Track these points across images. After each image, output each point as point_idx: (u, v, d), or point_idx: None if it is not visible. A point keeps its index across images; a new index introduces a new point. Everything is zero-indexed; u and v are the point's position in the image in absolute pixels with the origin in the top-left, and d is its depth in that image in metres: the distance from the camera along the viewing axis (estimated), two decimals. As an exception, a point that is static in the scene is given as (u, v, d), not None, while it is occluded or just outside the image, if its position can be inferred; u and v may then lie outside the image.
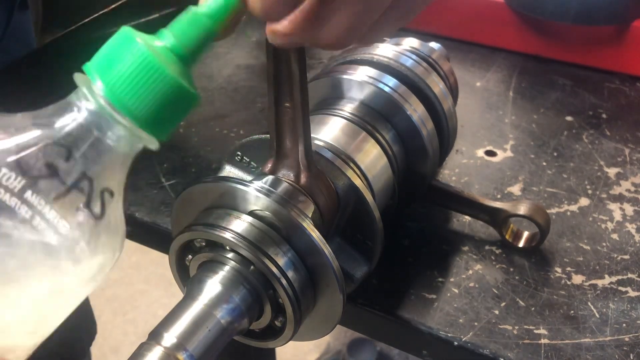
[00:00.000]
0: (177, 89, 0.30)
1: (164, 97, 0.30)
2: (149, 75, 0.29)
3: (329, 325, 0.43)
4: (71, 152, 0.30)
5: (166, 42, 0.31)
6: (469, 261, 0.53)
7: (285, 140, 0.42)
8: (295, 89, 0.40)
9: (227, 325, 0.39)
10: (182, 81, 0.31)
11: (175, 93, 0.30)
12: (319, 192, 0.44)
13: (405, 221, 0.57)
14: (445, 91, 0.55)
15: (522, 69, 0.82)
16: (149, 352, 0.36)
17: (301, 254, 0.41)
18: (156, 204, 0.59)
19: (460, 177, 0.63)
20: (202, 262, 0.42)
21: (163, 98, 0.30)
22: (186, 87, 0.31)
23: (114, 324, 1.78)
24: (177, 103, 0.31)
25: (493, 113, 0.73)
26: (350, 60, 0.55)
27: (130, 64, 0.29)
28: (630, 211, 0.59)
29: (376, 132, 0.51)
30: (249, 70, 0.81)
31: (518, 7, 0.82)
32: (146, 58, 0.29)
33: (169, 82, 0.30)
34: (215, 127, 0.70)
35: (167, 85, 0.30)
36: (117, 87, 0.29)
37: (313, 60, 0.82)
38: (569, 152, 0.67)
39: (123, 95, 0.29)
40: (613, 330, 0.48)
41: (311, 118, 0.51)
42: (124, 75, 0.29)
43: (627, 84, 0.78)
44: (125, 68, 0.29)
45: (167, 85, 0.30)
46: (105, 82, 0.30)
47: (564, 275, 0.52)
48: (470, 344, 0.47)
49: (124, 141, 0.31)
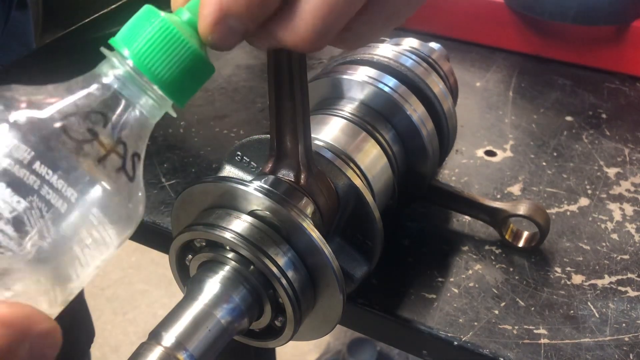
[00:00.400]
0: (197, 58, 0.33)
1: (185, 65, 0.33)
2: (172, 45, 0.32)
3: (329, 325, 0.43)
4: (107, 118, 0.32)
5: (184, 16, 0.34)
6: (468, 261, 0.53)
7: (285, 141, 0.42)
8: (295, 89, 0.40)
9: (227, 325, 0.39)
10: (202, 51, 0.33)
11: (195, 62, 0.33)
12: (319, 192, 0.44)
13: (405, 221, 0.57)
14: (445, 91, 0.55)
15: (522, 69, 0.82)
16: (149, 351, 0.36)
17: (301, 254, 0.41)
18: (156, 204, 0.59)
19: (460, 177, 0.63)
20: (202, 262, 0.42)
21: (184, 66, 0.33)
22: (204, 57, 0.34)
23: (114, 323, 1.78)
24: (196, 71, 0.34)
25: (493, 113, 0.73)
26: (350, 60, 0.55)
27: (155, 35, 0.32)
28: (630, 211, 0.59)
29: (376, 132, 0.51)
30: (249, 70, 0.81)
31: (518, 7, 0.82)
32: (169, 29, 0.32)
33: (190, 52, 0.33)
34: (215, 127, 0.70)
35: (189, 54, 0.33)
36: (143, 56, 0.32)
37: (313, 61, 0.82)
38: (568, 152, 0.67)
39: (149, 63, 0.32)
40: (613, 330, 0.48)
41: (311, 118, 0.51)
42: (150, 45, 0.32)
43: (627, 84, 0.78)
44: (150, 39, 0.32)
45: (189, 54, 0.33)
46: (132, 51, 0.32)
47: (563, 275, 0.52)
48: (470, 344, 0.47)
49: (149, 107, 0.33)
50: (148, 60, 0.32)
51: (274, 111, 0.41)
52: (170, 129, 0.70)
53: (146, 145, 0.34)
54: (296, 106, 0.40)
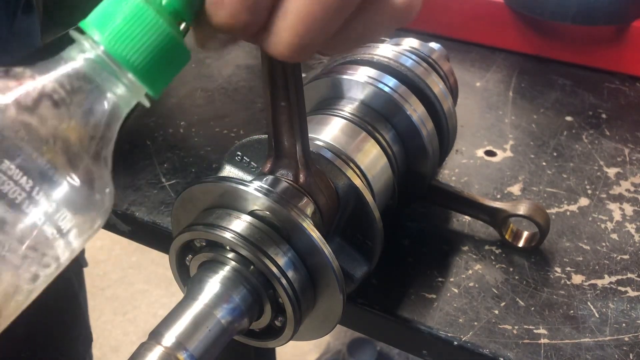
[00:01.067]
0: (172, 43, 0.31)
1: (160, 50, 0.31)
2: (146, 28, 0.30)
3: (329, 325, 0.44)
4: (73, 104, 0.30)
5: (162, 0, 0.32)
6: (468, 261, 0.53)
7: (282, 140, 0.42)
8: (290, 89, 0.40)
9: (227, 325, 0.39)
10: (177, 36, 0.31)
11: (171, 47, 0.31)
12: (319, 192, 0.44)
13: (405, 221, 0.57)
14: (445, 91, 0.55)
15: (522, 69, 0.82)
16: (149, 351, 0.36)
17: (301, 254, 0.41)
18: (156, 204, 0.59)
19: (460, 177, 0.63)
20: (202, 262, 0.42)
21: (159, 51, 0.31)
22: (180, 42, 0.32)
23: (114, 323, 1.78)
24: (172, 58, 0.32)
25: (493, 113, 0.73)
26: (350, 60, 0.55)
27: (128, 17, 0.30)
28: (630, 211, 0.59)
29: (376, 132, 0.51)
30: (249, 70, 0.81)
31: (518, 7, 0.82)
32: (143, 11, 0.30)
33: (165, 36, 0.31)
34: (215, 127, 0.70)
35: (163, 38, 0.31)
36: (115, 40, 0.30)
37: (313, 60, 0.82)
38: (568, 152, 0.67)
39: (121, 47, 0.30)
40: (613, 330, 0.48)
41: (311, 118, 0.51)
42: (122, 29, 0.30)
43: (627, 84, 0.78)
44: (122, 22, 0.30)
45: (163, 38, 0.31)
46: (103, 34, 0.30)
47: (563, 275, 0.52)
48: (470, 344, 0.47)
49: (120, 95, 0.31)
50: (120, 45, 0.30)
51: (269, 111, 0.41)
52: (171, 129, 0.70)
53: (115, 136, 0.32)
54: (291, 106, 0.40)
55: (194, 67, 0.82)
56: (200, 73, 0.81)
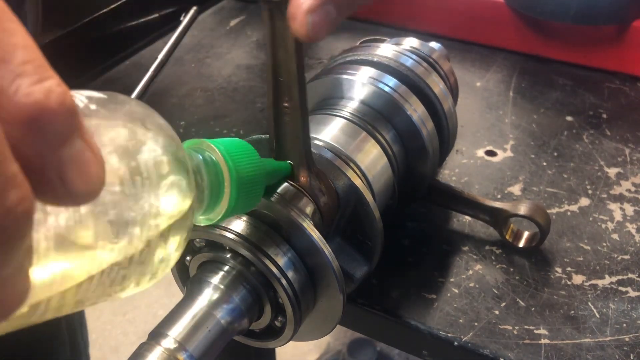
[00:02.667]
0: (262, 189, 0.38)
1: (253, 189, 0.37)
2: (257, 171, 0.37)
3: (329, 325, 0.43)
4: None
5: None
6: (469, 261, 0.53)
7: (284, 141, 0.42)
8: (293, 89, 0.40)
9: (227, 326, 0.38)
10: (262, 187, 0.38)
11: (259, 192, 0.38)
12: (319, 192, 0.44)
13: (405, 221, 0.57)
14: (445, 91, 0.55)
15: (522, 69, 0.81)
16: (149, 352, 0.36)
17: (301, 254, 0.41)
18: (156, 204, 0.59)
19: (460, 177, 0.63)
20: (202, 262, 0.42)
21: (252, 190, 0.37)
22: (261, 192, 0.38)
23: (113, 324, 1.78)
24: (253, 200, 0.38)
25: (493, 113, 0.73)
26: (350, 60, 0.55)
27: (249, 158, 0.37)
28: (631, 211, 0.59)
29: (376, 132, 0.51)
30: (249, 70, 0.81)
31: (518, 7, 0.82)
32: (261, 165, 0.38)
33: (262, 182, 0.38)
34: (215, 127, 0.70)
35: (261, 184, 0.38)
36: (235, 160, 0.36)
37: (313, 60, 0.82)
38: (569, 152, 0.67)
39: (236, 167, 0.35)
40: (613, 330, 0.48)
41: (311, 118, 0.51)
42: (242, 160, 0.36)
43: (628, 84, 0.78)
44: (244, 157, 0.36)
45: (261, 184, 0.38)
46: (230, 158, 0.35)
47: (564, 275, 0.52)
48: (471, 344, 0.47)
49: (212, 194, 0.35)
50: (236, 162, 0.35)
51: (272, 111, 0.41)
52: (170, 129, 0.70)
53: None
54: (294, 106, 0.40)
55: (193, 66, 0.82)
56: (200, 73, 0.81)
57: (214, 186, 0.35)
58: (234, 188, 0.35)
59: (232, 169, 0.35)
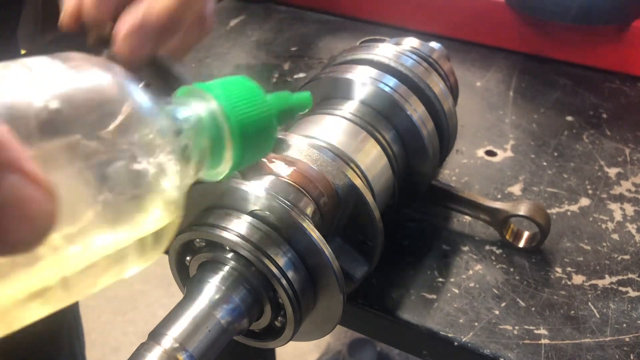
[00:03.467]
0: (273, 134, 0.35)
1: (262, 137, 0.34)
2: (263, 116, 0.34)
3: (329, 325, 0.43)
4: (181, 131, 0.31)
5: None
6: (469, 261, 0.53)
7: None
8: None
9: (227, 326, 0.38)
10: (275, 127, 0.35)
11: (270, 138, 0.35)
12: (319, 192, 0.44)
13: (405, 221, 0.57)
14: (445, 91, 0.55)
15: (522, 69, 0.82)
16: (149, 352, 0.35)
17: (301, 254, 0.40)
18: (156, 204, 0.59)
19: (461, 177, 0.63)
20: (202, 262, 0.42)
21: (260, 138, 0.34)
22: (275, 133, 0.36)
23: (113, 324, 1.78)
24: (263, 148, 0.35)
25: (493, 113, 0.73)
26: (350, 60, 0.55)
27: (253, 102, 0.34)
28: (631, 211, 0.59)
29: (376, 132, 0.51)
30: (249, 70, 0.81)
31: (518, 7, 0.82)
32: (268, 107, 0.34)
33: (272, 127, 0.34)
34: (215, 127, 0.70)
35: (271, 130, 0.34)
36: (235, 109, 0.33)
37: (313, 60, 0.82)
38: (569, 152, 0.67)
39: (237, 117, 0.33)
40: (613, 330, 0.48)
41: (311, 118, 0.51)
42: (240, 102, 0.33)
43: (628, 84, 0.78)
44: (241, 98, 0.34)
45: (271, 130, 0.34)
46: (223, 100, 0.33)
47: (564, 275, 0.52)
48: (471, 344, 0.47)
49: (213, 151, 0.32)
50: (238, 117, 0.32)
51: None
52: (170, 129, 0.70)
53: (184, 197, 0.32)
54: None
55: (193, 66, 0.82)
56: (200, 73, 0.81)
57: (215, 140, 0.32)
58: (237, 140, 0.32)
59: (232, 118, 0.32)
